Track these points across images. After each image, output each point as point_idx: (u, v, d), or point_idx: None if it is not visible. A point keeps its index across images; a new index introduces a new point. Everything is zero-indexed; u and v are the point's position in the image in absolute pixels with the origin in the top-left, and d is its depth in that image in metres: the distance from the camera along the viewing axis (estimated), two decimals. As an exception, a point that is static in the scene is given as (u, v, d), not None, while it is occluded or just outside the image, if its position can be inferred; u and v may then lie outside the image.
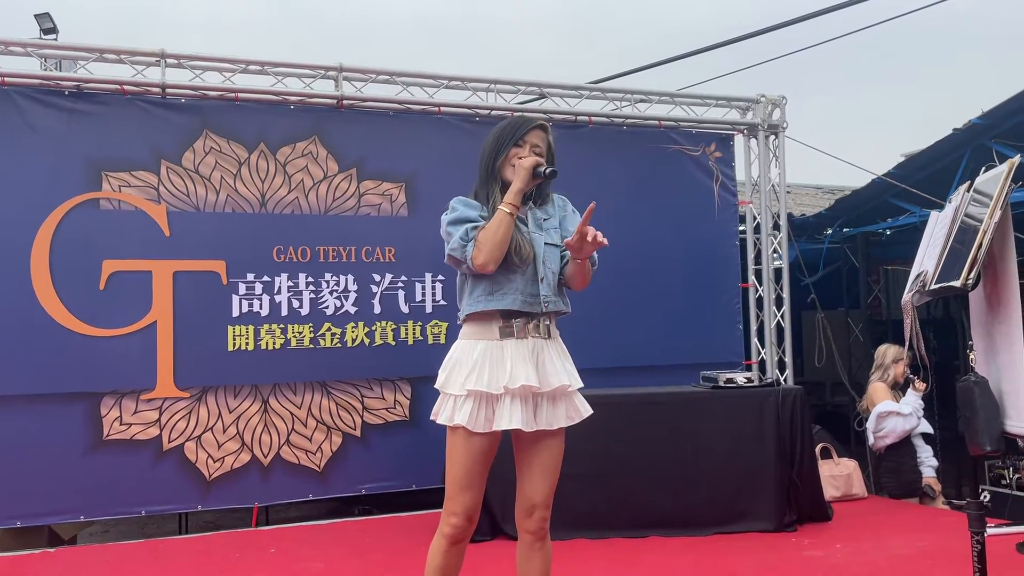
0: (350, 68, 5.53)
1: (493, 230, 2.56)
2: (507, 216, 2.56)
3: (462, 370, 2.60)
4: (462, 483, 2.59)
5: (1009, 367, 2.55)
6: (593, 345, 5.73)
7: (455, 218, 2.65)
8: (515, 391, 2.54)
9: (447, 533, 2.60)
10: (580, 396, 2.71)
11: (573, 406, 2.68)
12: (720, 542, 4.51)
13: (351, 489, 5.38)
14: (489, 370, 2.56)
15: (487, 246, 2.55)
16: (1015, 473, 6.23)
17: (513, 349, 2.58)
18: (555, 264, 2.70)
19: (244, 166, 5.27)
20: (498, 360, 2.57)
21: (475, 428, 2.55)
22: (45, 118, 4.91)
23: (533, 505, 2.64)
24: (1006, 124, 6.20)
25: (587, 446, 4.68)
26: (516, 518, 2.70)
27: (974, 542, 2.62)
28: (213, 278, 5.15)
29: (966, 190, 2.83)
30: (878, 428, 5.47)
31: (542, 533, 2.67)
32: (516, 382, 2.53)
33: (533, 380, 2.55)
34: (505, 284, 2.62)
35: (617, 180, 6.10)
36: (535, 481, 2.65)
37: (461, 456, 2.59)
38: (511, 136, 2.69)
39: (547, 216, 2.75)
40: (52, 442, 4.76)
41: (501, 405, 2.55)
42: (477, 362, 2.58)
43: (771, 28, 7.96)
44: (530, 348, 2.60)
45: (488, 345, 2.60)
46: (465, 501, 2.59)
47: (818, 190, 11.53)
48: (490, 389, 2.54)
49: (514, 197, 2.58)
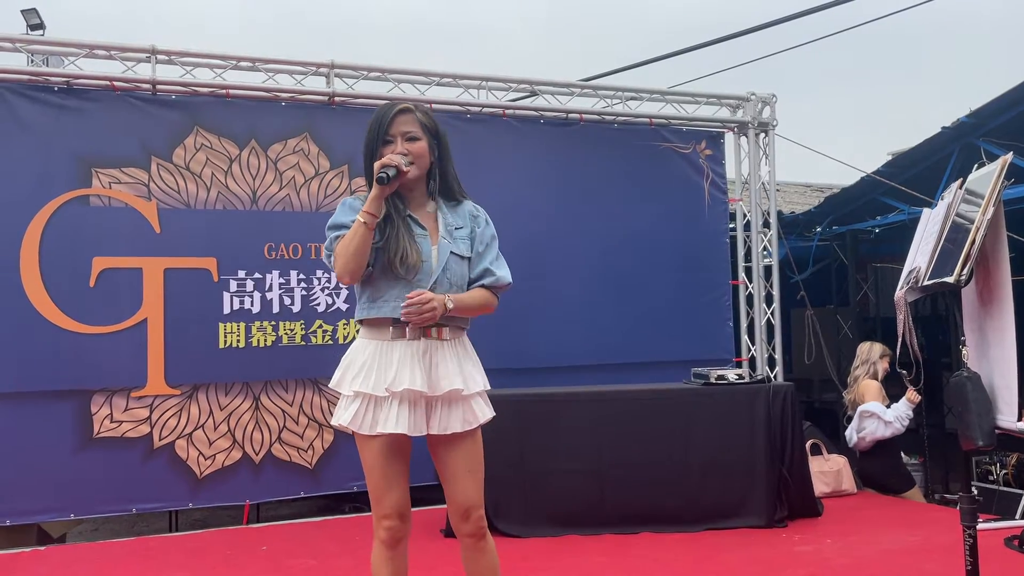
0: (341, 65, 5.52)
1: (347, 241, 2.43)
2: (361, 226, 2.41)
3: (352, 370, 2.52)
4: (381, 484, 2.51)
5: (1001, 362, 2.57)
6: (583, 342, 5.76)
7: (331, 223, 2.55)
8: (399, 394, 2.44)
9: (384, 538, 2.52)
10: (481, 399, 2.58)
11: (470, 410, 2.54)
12: (711, 538, 4.53)
13: (343, 486, 5.37)
14: (376, 372, 2.47)
15: (340, 259, 2.45)
16: (1002, 469, 6.28)
17: (402, 351, 2.47)
18: (458, 276, 2.57)
19: (235, 163, 5.26)
20: (386, 362, 2.47)
21: (360, 430, 2.47)
22: (34, 114, 4.88)
23: (468, 508, 2.55)
24: (994, 122, 6.24)
25: (579, 442, 4.72)
26: (452, 525, 2.63)
27: (966, 536, 2.64)
28: (204, 275, 5.13)
29: (958, 187, 2.86)
30: (860, 427, 5.50)
31: (482, 532, 2.58)
32: (399, 385, 2.43)
33: (419, 384, 2.44)
34: (386, 291, 2.50)
35: (608, 177, 6.11)
36: (463, 484, 2.55)
37: (369, 458, 2.50)
38: (376, 134, 2.56)
39: (460, 225, 2.62)
40: (42, 440, 4.74)
41: (387, 408, 2.45)
42: (366, 363, 2.49)
43: (761, 26, 8.00)
44: (421, 350, 2.48)
45: (379, 346, 2.50)
46: (392, 500, 2.50)
47: (807, 188, 11.59)
48: (374, 391, 2.46)
49: (369, 205, 2.42)
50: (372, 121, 2.59)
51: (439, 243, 2.56)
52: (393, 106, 2.60)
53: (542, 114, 6.06)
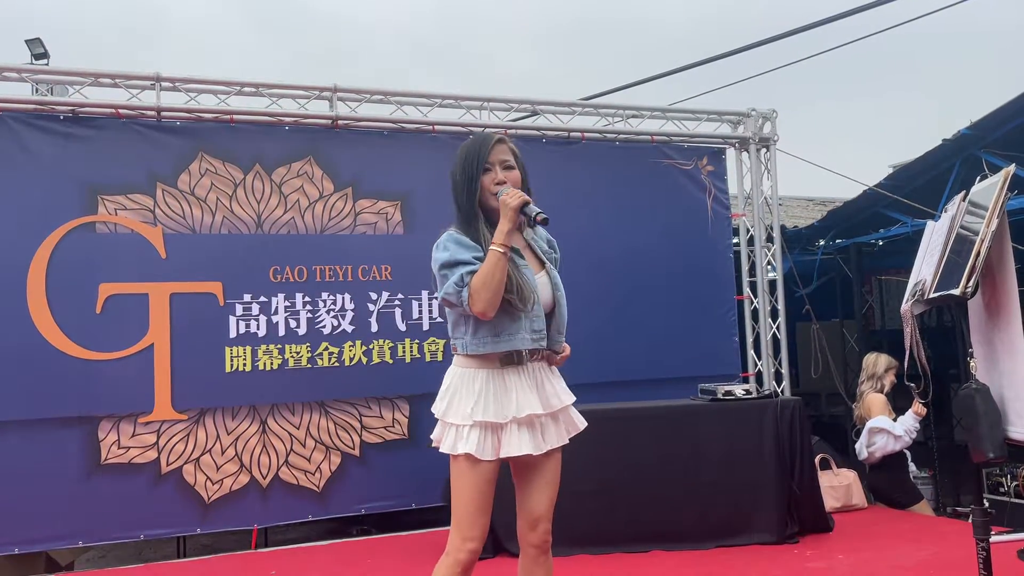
0: (344, 88, 5.56)
1: (488, 275, 2.46)
2: (501, 257, 2.46)
3: (465, 400, 2.55)
4: (474, 508, 2.54)
5: (1011, 374, 2.56)
6: (591, 360, 5.73)
7: (448, 260, 2.54)
8: (521, 420, 2.54)
9: (463, 560, 2.53)
10: (574, 409, 2.74)
11: (570, 420, 2.71)
12: (722, 555, 4.50)
13: (350, 509, 5.35)
14: (495, 400, 2.54)
15: (485, 294, 2.46)
16: (1013, 480, 6.25)
17: (515, 378, 2.57)
18: (565, 299, 2.73)
19: (240, 187, 5.28)
20: (502, 390, 2.55)
21: (483, 456, 2.51)
22: (40, 143, 4.92)
23: (537, 518, 2.64)
24: (995, 134, 6.26)
25: (587, 462, 4.68)
26: (519, 533, 2.69)
27: (979, 549, 2.63)
28: (210, 299, 5.14)
29: (962, 199, 2.86)
30: (870, 442, 5.48)
31: (546, 546, 2.67)
32: (523, 411, 2.53)
33: (538, 408, 2.57)
34: (510, 326, 2.55)
35: (611, 195, 6.13)
36: (538, 495, 2.65)
37: (471, 483, 2.54)
38: (476, 163, 2.61)
39: (547, 251, 2.76)
40: (49, 467, 4.73)
41: (508, 433, 2.53)
42: (481, 392, 2.54)
43: (761, 42, 8.04)
44: (531, 375, 2.61)
45: (490, 374, 2.56)
46: (483, 525, 2.56)
47: (810, 202, 11.59)
48: (497, 419, 2.53)
49: (504, 238, 2.48)
50: (468, 148, 2.66)
51: (542, 273, 2.68)
52: (491, 135, 2.70)
53: (544, 133, 6.09)
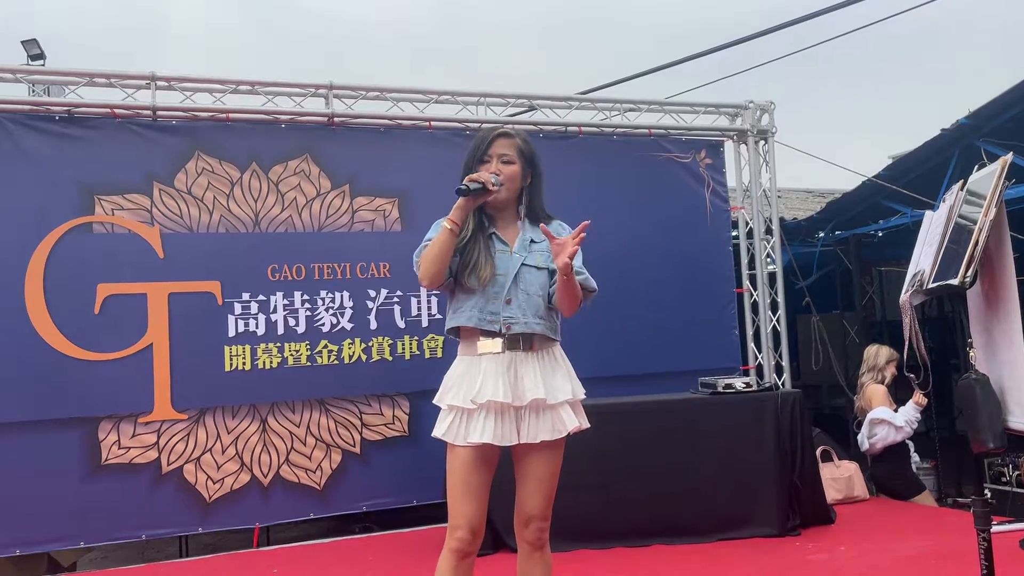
0: (340, 86, 5.54)
1: (430, 247, 2.61)
2: (444, 231, 2.58)
3: (447, 385, 2.68)
4: (457, 494, 2.61)
5: (1010, 364, 2.56)
6: (590, 354, 5.69)
7: (425, 238, 2.72)
8: (486, 405, 2.57)
9: (454, 547, 2.59)
10: (570, 409, 2.67)
11: (559, 419, 2.63)
12: (724, 548, 4.50)
13: (352, 507, 5.35)
14: (466, 385, 2.61)
15: (423, 264, 2.62)
16: (1015, 470, 6.25)
17: (488, 364, 2.61)
18: (535, 287, 2.68)
19: (237, 186, 5.27)
20: (474, 375, 2.62)
21: (454, 440, 2.60)
22: (36, 144, 4.90)
23: (529, 516, 2.67)
24: (993, 123, 6.24)
25: (587, 456, 4.68)
26: (515, 529, 2.72)
27: (980, 539, 2.62)
28: (208, 299, 5.13)
29: (959, 189, 2.85)
30: (871, 434, 5.48)
31: (540, 543, 2.69)
32: (483, 397, 2.57)
33: (502, 396, 2.56)
34: (464, 302, 2.67)
35: (609, 189, 6.10)
36: (530, 492, 2.67)
37: (450, 467, 2.63)
38: (476, 153, 2.72)
39: (540, 239, 2.71)
40: (50, 468, 4.72)
41: (475, 419, 2.58)
42: (460, 377, 2.65)
43: (758, 34, 8.02)
44: (506, 363, 2.61)
45: (470, 360, 2.66)
46: (466, 512, 2.58)
47: (809, 194, 11.57)
48: (463, 404, 2.59)
49: (453, 213, 2.58)
50: (474, 141, 2.75)
51: (512, 256, 2.69)
52: (495, 129, 2.76)
53: (541, 128, 6.07)
